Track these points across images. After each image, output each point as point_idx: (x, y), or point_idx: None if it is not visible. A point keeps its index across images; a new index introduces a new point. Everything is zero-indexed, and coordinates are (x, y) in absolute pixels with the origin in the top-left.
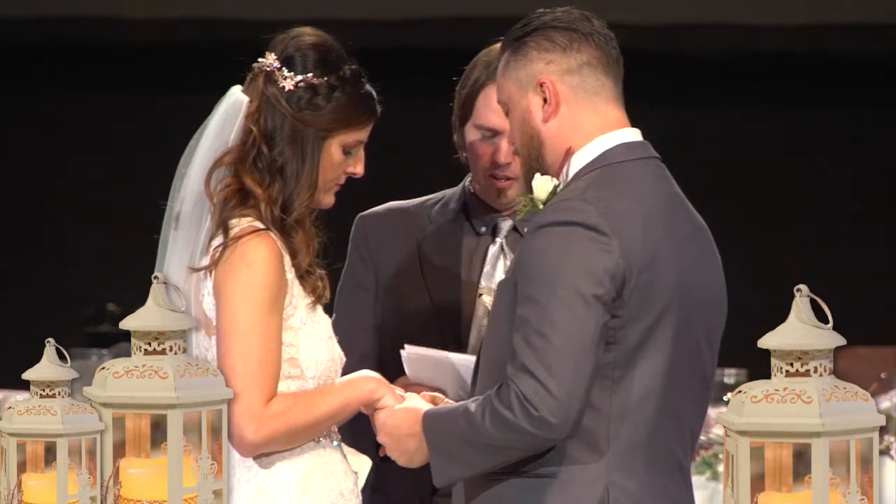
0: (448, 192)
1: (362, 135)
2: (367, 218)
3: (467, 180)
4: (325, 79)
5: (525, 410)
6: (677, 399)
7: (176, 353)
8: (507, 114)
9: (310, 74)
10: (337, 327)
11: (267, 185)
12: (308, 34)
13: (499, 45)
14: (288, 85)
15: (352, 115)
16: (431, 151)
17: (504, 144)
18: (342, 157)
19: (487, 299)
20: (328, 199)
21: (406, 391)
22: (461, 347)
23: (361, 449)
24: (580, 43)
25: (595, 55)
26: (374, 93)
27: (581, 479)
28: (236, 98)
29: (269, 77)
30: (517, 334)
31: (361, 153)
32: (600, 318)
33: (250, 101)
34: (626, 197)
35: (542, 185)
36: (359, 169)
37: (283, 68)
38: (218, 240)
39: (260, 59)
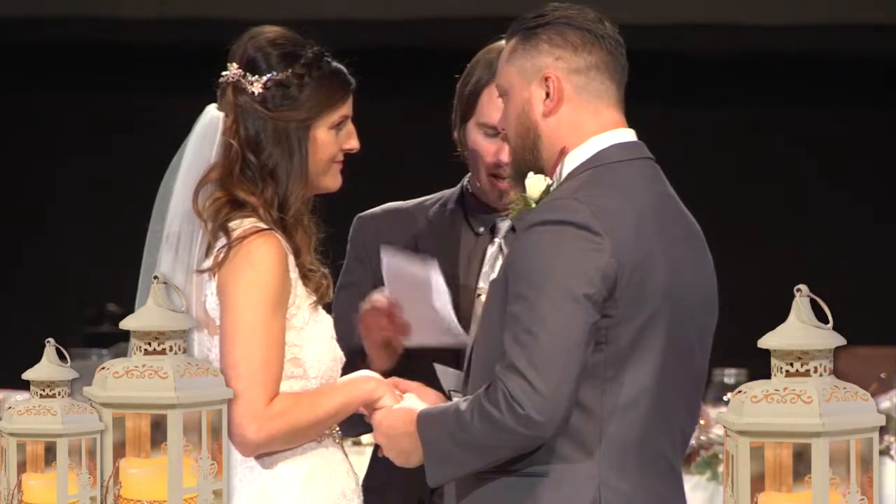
0: (446, 192)
1: (345, 109)
2: (365, 219)
3: (465, 180)
4: (291, 70)
5: (511, 408)
6: (669, 400)
7: (176, 353)
8: (502, 97)
9: (274, 72)
10: (335, 328)
11: (260, 191)
12: (263, 32)
13: (500, 43)
14: (257, 89)
15: (328, 96)
16: (430, 152)
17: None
18: (333, 137)
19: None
20: (333, 181)
21: (402, 391)
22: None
23: (349, 432)
24: (592, 45)
25: (604, 59)
26: (341, 67)
27: (572, 479)
28: (212, 116)
29: (237, 87)
30: (507, 332)
31: (351, 127)
32: (590, 318)
33: (226, 116)
34: (618, 197)
35: (535, 185)
36: (353, 143)
37: (247, 73)
38: (221, 241)
39: (223, 72)
